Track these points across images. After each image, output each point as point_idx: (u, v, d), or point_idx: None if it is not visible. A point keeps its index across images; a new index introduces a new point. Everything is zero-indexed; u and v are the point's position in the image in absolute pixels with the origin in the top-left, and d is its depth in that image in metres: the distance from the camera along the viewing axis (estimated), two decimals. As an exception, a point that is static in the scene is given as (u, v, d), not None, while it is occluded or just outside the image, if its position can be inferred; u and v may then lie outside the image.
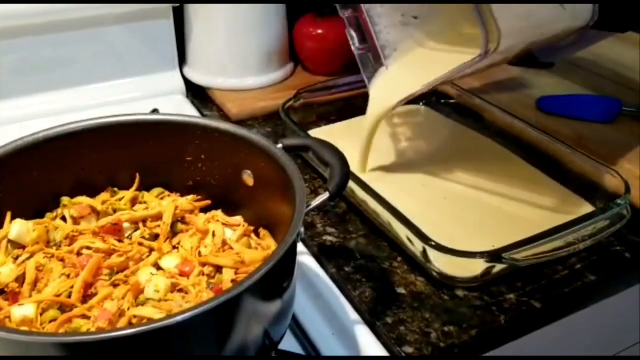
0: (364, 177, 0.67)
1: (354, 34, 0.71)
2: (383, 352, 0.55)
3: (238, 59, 0.96)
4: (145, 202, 0.59)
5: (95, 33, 0.89)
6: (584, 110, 0.87)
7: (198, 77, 0.98)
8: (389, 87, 0.72)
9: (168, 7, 0.92)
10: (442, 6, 0.69)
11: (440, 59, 0.68)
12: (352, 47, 0.73)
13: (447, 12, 0.70)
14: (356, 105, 0.90)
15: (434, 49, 0.70)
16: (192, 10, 0.95)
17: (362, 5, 0.68)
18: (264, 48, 0.96)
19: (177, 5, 0.92)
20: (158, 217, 0.56)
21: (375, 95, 0.73)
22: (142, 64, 0.94)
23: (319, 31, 0.97)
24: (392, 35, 0.70)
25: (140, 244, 0.54)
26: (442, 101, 0.90)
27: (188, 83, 0.98)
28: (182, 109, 0.91)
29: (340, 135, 0.84)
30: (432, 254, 0.59)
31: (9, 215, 0.54)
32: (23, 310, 0.46)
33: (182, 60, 0.99)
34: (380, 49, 0.71)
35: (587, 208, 0.69)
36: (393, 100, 0.71)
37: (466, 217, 0.69)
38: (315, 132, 0.83)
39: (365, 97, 0.90)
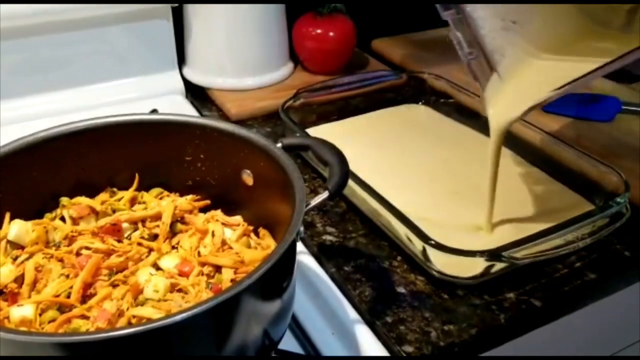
0: (369, 178, 0.67)
1: (459, 35, 0.61)
2: (383, 352, 0.55)
3: (237, 59, 0.96)
4: (144, 202, 0.58)
5: (94, 33, 0.89)
6: (583, 109, 0.87)
7: (197, 77, 0.98)
8: (509, 100, 0.64)
9: (167, 7, 0.92)
10: (539, 9, 0.62)
11: (560, 67, 0.62)
12: (460, 53, 0.62)
13: (547, 16, 0.63)
14: (355, 105, 0.90)
15: (546, 59, 0.64)
16: (191, 10, 0.95)
17: (464, 6, 0.60)
18: (263, 48, 0.96)
19: (176, 5, 0.92)
20: (157, 217, 0.56)
21: (496, 111, 0.65)
22: (141, 64, 0.94)
23: (318, 30, 0.97)
24: (497, 40, 0.62)
25: (140, 244, 0.54)
26: (442, 100, 0.90)
27: (187, 83, 0.98)
28: (182, 109, 0.91)
29: (339, 134, 0.84)
30: (432, 252, 0.59)
31: (7, 215, 0.54)
32: (22, 311, 0.46)
33: (181, 60, 0.99)
34: (490, 55, 0.62)
35: (587, 206, 0.69)
36: (516, 112, 0.63)
37: (466, 215, 0.69)
38: (313, 131, 0.83)
39: (363, 96, 0.90)
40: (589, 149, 0.74)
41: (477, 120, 0.84)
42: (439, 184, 0.74)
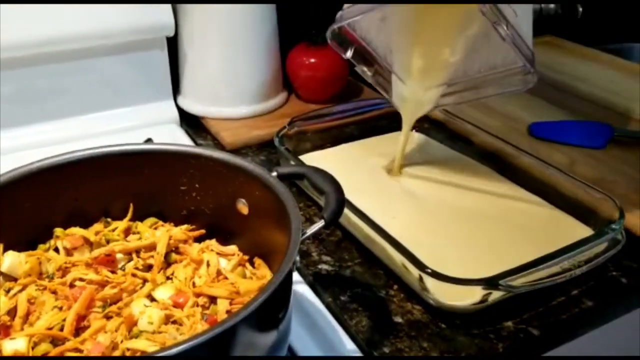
0: (360, 202, 0.67)
1: (363, 67, 0.76)
2: (380, 383, 0.54)
3: (231, 88, 0.96)
4: (138, 232, 0.58)
5: (90, 64, 0.89)
6: (575, 136, 0.88)
7: (192, 107, 0.98)
8: (412, 94, 0.76)
9: (162, 38, 0.93)
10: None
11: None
12: (368, 79, 0.77)
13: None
14: (350, 133, 0.90)
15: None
16: (186, 40, 0.95)
17: (352, 32, 0.72)
18: (257, 77, 0.97)
19: (172, 35, 0.93)
20: (151, 247, 0.56)
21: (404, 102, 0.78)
22: (136, 93, 0.94)
23: (312, 60, 0.98)
24: (380, 38, 0.74)
25: (134, 275, 0.53)
26: (435, 127, 0.91)
27: (182, 112, 0.98)
28: (176, 138, 0.91)
29: (333, 161, 0.84)
30: (428, 281, 0.58)
31: (0, 247, 0.53)
32: (14, 344, 0.45)
33: (176, 89, 0.99)
34: (383, 59, 0.75)
35: (583, 230, 0.69)
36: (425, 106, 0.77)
37: (461, 243, 0.68)
38: (307, 158, 0.83)
39: (358, 124, 0.91)
40: (583, 176, 0.74)
41: (470, 147, 0.85)
42: (434, 211, 0.74)
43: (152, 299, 0.52)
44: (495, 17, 0.60)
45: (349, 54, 0.73)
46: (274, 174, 0.54)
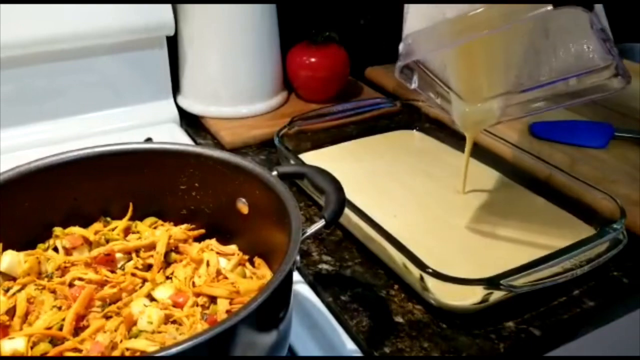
0: (365, 203, 0.67)
1: (429, 93, 0.69)
2: (381, 383, 0.54)
3: (231, 87, 0.96)
4: (138, 232, 0.58)
5: (89, 63, 0.89)
6: (577, 136, 0.88)
7: (192, 106, 0.98)
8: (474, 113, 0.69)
9: (162, 37, 0.92)
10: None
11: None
12: (435, 106, 0.71)
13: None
14: (349, 132, 0.90)
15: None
16: (186, 39, 0.95)
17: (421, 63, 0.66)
18: (257, 76, 0.96)
19: (172, 34, 0.93)
20: (151, 246, 0.55)
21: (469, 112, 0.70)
22: (136, 93, 0.94)
23: (312, 59, 0.98)
24: (434, 55, 0.67)
25: (133, 275, 0.53)
26: (436, 127, 0.91)
27: (182, 112, 0.98)
28: (176, 138, 0.90)
29: (333, 159, 0.85)
30: (429, 280, 0.58)
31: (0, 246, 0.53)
32: (13, 344, 0.45)
33: (176, 89, 0.99)
34: (441, 77, 0.68)
35: (586, 230, 0.68)
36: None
37: (462, 243, 0.68)
38: (307, 157, 0.83)
39: (357, 124, 0.91)
40: (584, 176, 0.74)
41: (474, 146, 0.85)
42: (434, 210, 0.74)
43: (152, 299, 0.51)
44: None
45: (414, 84, 0.65)
46: (274, 173, 0.54)
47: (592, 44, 0.57)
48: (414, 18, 0.59)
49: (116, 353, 0.45)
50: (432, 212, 0.74)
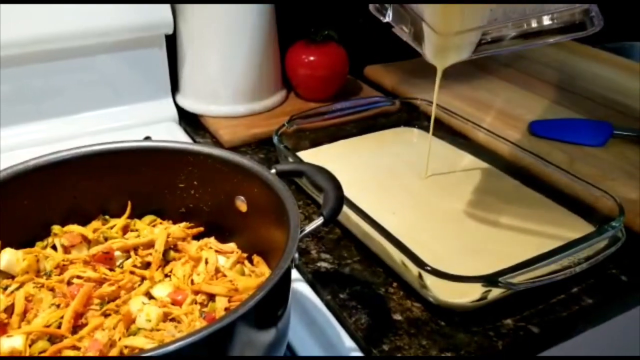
0: (356, 197, 0.67)
1: (402, 26, 0.68)
2: (380, 380, 0.54)
3: (230, 86, 0.96)
4: (136, 230, 0.58)
5: (87, 62, 0.89)
6: (575, 134, 0.88)
7: (190, 105, 0.98)
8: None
9: (161, 36, 0.92)
10: None
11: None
12: (406, 38, 0.69)
13: None
14: (349, 131, 0.90)
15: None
16: (185, 38, 0.95)
17: None
18: (256, 75, 0.96)
19: (170, 33, 0.93)
20: (150, 244, 0.55)
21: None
22: (134, 92, 0.94)
23: (311, 58, 0.98)
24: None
25: (132, 273, 0.53)
26: (435, 124, 0.91)
27: (180, 110, 0.98)
28: (175, 136, 0.90)
29: (332, 156, 0.85)
30: (428, 278, 0.58)
31: (-2, 244, 0.53)
32: (11, 342, 0.45)
33: (175, 87, 0.99)
34: (416, 8, 0.67)
35: (585, 228, 0.68)
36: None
37: (461, 240, 0.68)
38: (305, 154, 0.83)
39: (357, 122, 0.91)
40: (583, 174, 0.74)
41: (470, 145, 0.85)
42: (434, 207, 0.74)
43: (150, 297, 0.51)
44: None
45: (388, 18, 0.66)
46: (273, 171, 0.54)
47: None
48: None
49: (115, 351, 0.45)
50: (430, 209, 0.74)
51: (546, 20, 0.63)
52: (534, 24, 0.63)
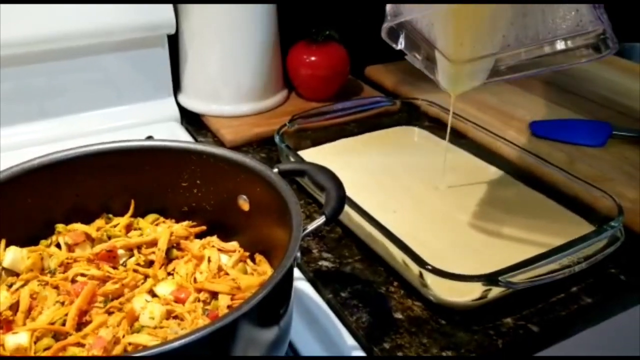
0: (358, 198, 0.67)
1: (414, 53, 0.67)
2: (380, 378, 0.54)
3: (232, 85, 0.96)
4: (140, 229, 0.58)
5: (90, 61, 0.89)
6: (575, 134, 0.88)
7: (192, 104, 0.98)
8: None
9: (163, 35, 0.93)
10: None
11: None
12: (418, 65, 0.68)
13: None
14: (350, 130, 0.91)
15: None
16: (187, 38, 0.95)
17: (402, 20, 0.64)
18: (257, 75, 0.97)
19: (172, 33, 0.93)
20: (153, 243, 0.56)
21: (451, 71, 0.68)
22: (136, 91, 0.94)
23: (313, 58, 0.98)
24: (430, 29, 0.66)
25: (135, 271, 0.53)
26: (436, 125, 0.91)
27: (182, 110, 0.98)
28: (177, 136, 0.91)
29: (333, 156, 0.85)
30: (429, 277, 0.58)
31: (2, 242, 0.53)
32: (17, 339, 0.46)
33: (177, 87, 1.00)
34: (428, 36, 0.66)
35: (584, 227, 0.69)
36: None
37: (461, 239, 0.69)
38: (307, 153, 0.84)
39: (358, 122, 0.91)
40: (582, 174, 0.74)
41: (470, 145, 0.85)
42: (434, 207, 0.74)
43: (154, 295, 0.52)
44: None
45: (401, 44, 0.65)
46: (275, 170, 0.54)
47: (582, 7, 0.55)
48: None
49: (119, 348, 0.46)
50: (431, 208, 0.74)
51: (560, 45, 0.61)
52: (547, 49, 0.62)
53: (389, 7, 0.59)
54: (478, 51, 0.65)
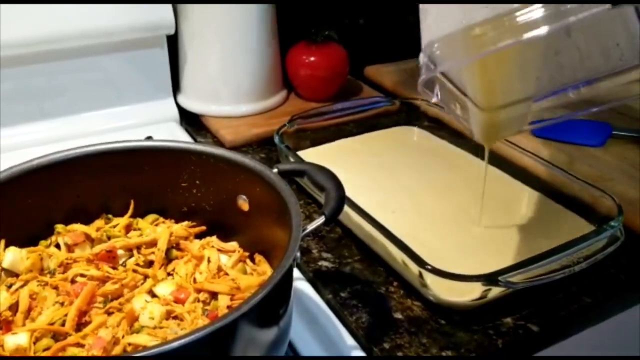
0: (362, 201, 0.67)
1: (450, 105, 0.61)
2: (380, 378, 0.54)
3: (231, 86, 0.96)
4: (139, 229, 0.58)
5: (90, 62, 0.89)
6: (575, 135, 0.88)
7: (192, 105, 0.98)
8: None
9: (162, 36, 0.93)
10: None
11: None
12: (457, 118, 0.62)
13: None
14: (349, 131, 0.91)
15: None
16: (186, 38, 0.96)
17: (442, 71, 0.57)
18: (257, 75, 0.97)
19: (172, 33, 0.93)
20: (152, 243, 0.56)
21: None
22: (136, 92, 0.94)
23: (312, 58, 0.98)
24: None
25: (135, 271, 0.53)
26: (436, 125, 0.91)
27: (182, 110, 0.98)
28: (176, 136, 0.91)
29: (333, 156, 0.85)
30: (428, 277, 0.58)
31: (2, 242, 0.53)
32: (16, 339, 0.46)
33: (176, 87, 1.00)
34: (459, 84, 0.59)
35: (584, 227, 0.69)
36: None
37: (461, 239, 0.69)
38: (305, 153, 0.84)
39: (357, 122, 0.91)
40: (582, 174, 0.74)
41: (470, 145, 0.85)
42: (433, 207, 0.74)
43: (153, 295, 0.52)
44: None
45: (436, 97, 0.57)
46: (275, 170, 0.54)
47: (622, 40, 0.50)
48: (435, 21, 0.53)
49: (118, 348, 0.46)
50: (430, 208, 0.74)
51: (601, 84, 0.55)
52: (586, 91, 0.56)
53: (422, 57, 0.52)
54: (510, 96, 0.59)
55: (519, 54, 0.56)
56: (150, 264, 0.55)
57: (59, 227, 0.56)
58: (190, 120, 0.98)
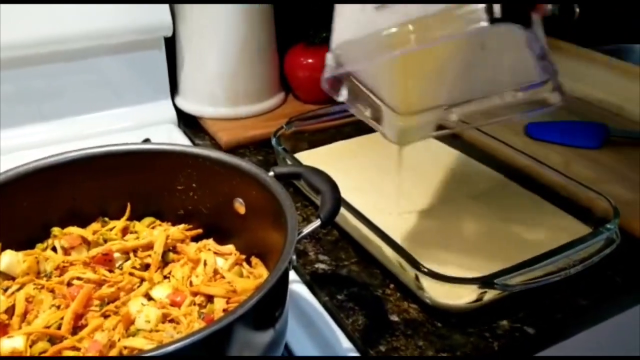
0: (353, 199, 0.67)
1: (358, 105, 0.62)
2: (376, 381, 0.54)
3: (229, 88, 0.97)
4: (136, 232, 0.58)
5: (87, 64, 0.89)
6: (571, 136, 0.89)
7: (189, 107, 0.98)
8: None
9: (160, 38, 0.93)
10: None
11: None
12: (364, 118, 0.64)
13: None
14: (347, 133, 0.91)
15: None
16: (184, 40, 0.96)
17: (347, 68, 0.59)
18: (254, 77, 0.97)
19: (169, 35, 0.93)
20: (149, 246, 0.56)
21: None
22: (134, 94, 0.94)
23: (310, 60, 0.99)
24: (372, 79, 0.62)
25: (131, 274, 0.53)
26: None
27: (180, 112, 0.98)
28: (174, 138, 0.91)
29: (329, 158, 0.85)
30: (424, 280, 0.59)
31: (-2, 246, 0.53)
32: (12, 343, 0.46)
33: (174, 89, 1.00)
34: (371, 87, 0.62)
35: (580, 229, 0.69)
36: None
37: (458, 242, 0.69)
38: (302, 155, 0.84)
39: (354, 124, 0.91)
40: (578, 176, 0.74)
41: (466, 147, 0.85)
42: (430, 209, 0.74)
43: (150, 298, 0.52)
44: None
45: (343, 96, 0.60)
46: (271, 174, 0.54)
47: (529, 59, 0.53)
48: (343, 25, 0.56)
49: (114, 351, 0.46)
50: (427, 211, 0.74)
51: (509, 97, 0.58)
52: (497, 101, 0.59)
53: (329, 56, 0.56)
54: (423, 103, 0.63)
55: (437, 62, 0.59)
56: (146, 267, 0.55)
57: (56, 230, 0.56)
58: (188, 122, 0.99)
